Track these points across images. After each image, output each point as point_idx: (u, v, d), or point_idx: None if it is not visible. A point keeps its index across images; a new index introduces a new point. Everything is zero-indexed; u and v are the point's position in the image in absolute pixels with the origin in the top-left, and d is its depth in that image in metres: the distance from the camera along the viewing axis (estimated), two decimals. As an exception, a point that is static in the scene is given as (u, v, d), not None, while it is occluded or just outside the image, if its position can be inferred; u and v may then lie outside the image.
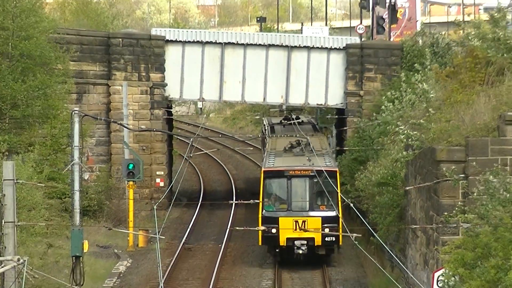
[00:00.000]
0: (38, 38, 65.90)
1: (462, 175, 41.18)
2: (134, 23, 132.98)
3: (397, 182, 54.18)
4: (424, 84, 56.26)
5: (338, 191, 51.77)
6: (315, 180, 50.98)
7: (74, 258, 47.62)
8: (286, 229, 50.65)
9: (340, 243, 52.62)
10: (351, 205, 47.67)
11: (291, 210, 51.46)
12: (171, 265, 59.51)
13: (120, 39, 76.30)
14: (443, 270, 38.72)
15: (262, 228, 51.08)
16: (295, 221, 50.28)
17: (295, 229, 50.36)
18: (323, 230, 50.59)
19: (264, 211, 51.31)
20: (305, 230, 51.41)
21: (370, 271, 56.30)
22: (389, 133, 59.21)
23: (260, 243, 53.58)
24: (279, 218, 50.63)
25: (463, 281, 36.91)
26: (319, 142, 62.43)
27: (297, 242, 49.94)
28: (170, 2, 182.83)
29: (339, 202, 51.62)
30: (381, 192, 56.12)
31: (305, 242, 49.86)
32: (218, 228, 71.40)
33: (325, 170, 51.30)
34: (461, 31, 62.82)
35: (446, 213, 41.22)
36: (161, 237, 53.23)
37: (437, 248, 41.77)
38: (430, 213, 44.17)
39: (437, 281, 38.64)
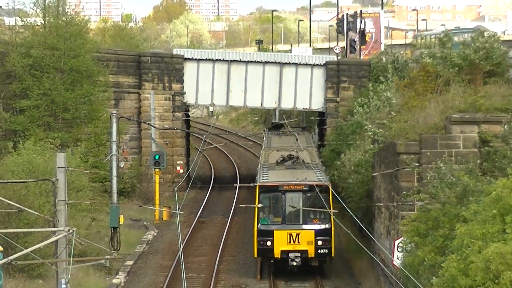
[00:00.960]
0: (84, 57, 67.31)
1: (417, 164, 42.41)
2: (159, 45, 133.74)
3: (366, 169, 54.61)
4: (387, 92, 58.65)
5: (331, 204, 46.81)
6: (308, 194, 46.08)
7: (112, 229, 50.26)
8: (281, 242, 45.64)
9: (333, 255, 47.60)
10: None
11: (285, 223, 46.05)
12: (188, 234, 60.62)
13: (149, 57, 77.39)
14: (402, 238, 40.37)
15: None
16: (289, 234, 44.83)
17: (289, 242, 45.50)
18: (316, 242, 45.79)
19: (259, 224, 46.38)
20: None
21: (345, 239, 55.80)
22: (359, 130, 60.65)
23: (255, 255, 47.88)
24: (274, 231, 45.57)
25: (418, 247, 38.23)
26: (309, 155, 57.32)
27: (291, 255, 44.70)
28: (187, 28, 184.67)
29: (332, 215, 46.57)
30: (353, 176, 56.46)
31: (299, 254, 44.77)
32: (225, 205, 71.94)
33: (317, 185, 46.77)
34: (416, 51, 64.77)
35: (404, 193, 42.38)
36: (180, 212, 54.59)
37: (397, 221, 42.83)
38: (392, 193, 45.21)
39: (397, 247, 40.11)
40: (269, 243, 44.96)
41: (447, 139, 42.68)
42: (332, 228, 46.16)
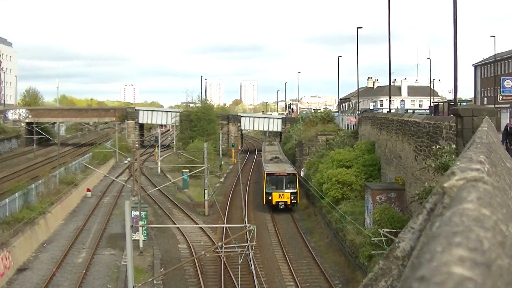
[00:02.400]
0: (212, 116, 70.45)
1: (308, 147, 45.47)
2: (233, 112, 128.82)
3: (293, 148, 55.88)
4: (300, 126, 59.90)
5: (297, 181, 37.05)
6: (287, 176, 37.28)
7: (219, 165, 54.63)
8: (275, 197, 37.09)
9: (298, 203, 37.33)
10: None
11: (277, 189, 37.28)
12: (241, 167, 60.93)
13: (231, 116, 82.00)
14: (303, 168, 42.51)
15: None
16: (279, 194, 37.13)
17: (279, 197, 37.10)
18: (290, 197, 37.08)
19: (266, 189, 37.13)
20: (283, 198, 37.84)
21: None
22: (291, 136, 62.31)
23: (264, 203, 37.84)
24: (272, 193, 37.00)
25: (308, 170, 40.10)
26: (282, 156, 47.53)
27: (280, 203, 37.03)
28: (242, 107, 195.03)
29: (298, 186, 36.96)
30: (290, 150, 57.68)
31: (283, 203, 36.93)
32: (252, 158, 72.34)
33: (292, 172, 37.70)
34: (311, 113, 65.32)
35: (304, 155, 45.29)
36: (238, 160, 59.57)
37: (302, 163, 44.91)
38: (300, 155, 47.50)
39: (302, 170, 41.86)
40: (270, 197, 36.98)
41: (316, 139, 45.44)
42: (298, 191, 36.81)
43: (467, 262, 0.79)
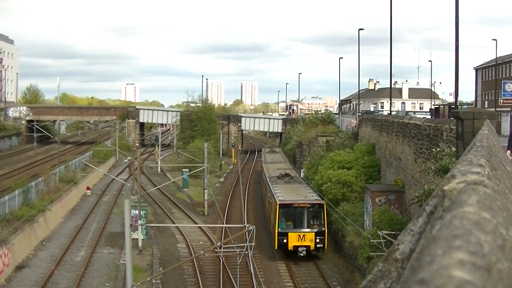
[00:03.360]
0: (212, 116, 69.68)
1: (308, 148, 45.00)
2: (234, 112, 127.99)
3: (293, 149, 55.62)
4: (300, 127, 59.67)
5: (325, 215, 25.93)
6: (311, 209, 26.28)
7: (220, 165, 54.83)
8: (293, 240, 25.84)
9: (326, 247, 26.15)
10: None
11: (296, 228, 26.10)
12: (241, 167, 61.02)
13: (232, 116, 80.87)
14: (303, 169, 41.74)
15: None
16: (298, 235, 25.82)
17: (298, 240, 25.90)
18: (315, 240, 25.84)
19: (279, 228, 26.06)
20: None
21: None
22: (291, 137, 62.33)
23: (276, 248, 26.35)
24: (288, 233, 25.86)
25: (307, 171, 39.51)
26: (293, 172, 36.97)
27: (299, 248, 25.78)
28: (243, 107, 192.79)
29: (325, 223, 25.92)
30: (290, 151, 57.60)
31: (305, 248, 25.77)
32: (252, 158, 71.62)
33: (318, 203, 26.56)
34: (312, 114, 65.82)
35: (303, 156, 44.79)
36: (239, 160, 59.24)
37: (302, 164, 43.91)
38: (300, 156, 47.25)
39: (301, 172, 39.87)
40: (285, 240, 25.97)
41: (316, 141, 44.97)
42: (325, 231, 25.97)
43: (467, 266, 0.78)
